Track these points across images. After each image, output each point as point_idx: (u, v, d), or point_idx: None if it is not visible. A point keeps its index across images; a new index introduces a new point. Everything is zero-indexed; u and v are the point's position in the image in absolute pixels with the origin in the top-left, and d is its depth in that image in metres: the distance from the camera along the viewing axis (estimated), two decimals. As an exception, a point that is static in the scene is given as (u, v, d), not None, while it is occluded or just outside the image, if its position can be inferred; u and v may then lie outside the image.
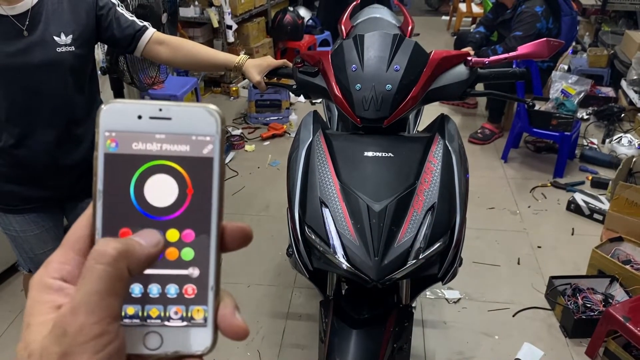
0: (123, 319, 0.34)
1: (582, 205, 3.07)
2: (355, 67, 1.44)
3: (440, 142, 1.42)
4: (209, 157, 0.35)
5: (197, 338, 0.35)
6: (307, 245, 1.35)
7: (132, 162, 0.34)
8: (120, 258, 0.32)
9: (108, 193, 0.34)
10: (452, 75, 1.47)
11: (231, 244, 0.37)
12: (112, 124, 0.34)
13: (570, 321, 2.26)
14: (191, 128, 0.35)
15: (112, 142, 0.34)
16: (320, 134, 1.45)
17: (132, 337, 0.34)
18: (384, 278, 1.25)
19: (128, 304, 0.34)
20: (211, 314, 0.35)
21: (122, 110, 0.35)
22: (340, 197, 1.32)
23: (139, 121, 0.34)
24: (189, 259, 0.35)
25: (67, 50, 1.52)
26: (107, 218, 0.35)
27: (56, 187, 1.67)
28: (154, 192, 0.35)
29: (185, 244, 0.35)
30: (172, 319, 0.35)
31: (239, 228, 0.37)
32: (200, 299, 0.35)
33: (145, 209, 0.35)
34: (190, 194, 0.35)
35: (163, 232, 0.35)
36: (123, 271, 0.32)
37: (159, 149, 0.34)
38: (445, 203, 1.33)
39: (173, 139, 0.35)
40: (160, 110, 0.35)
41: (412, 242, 1.28)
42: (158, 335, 0.35)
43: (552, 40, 1.46)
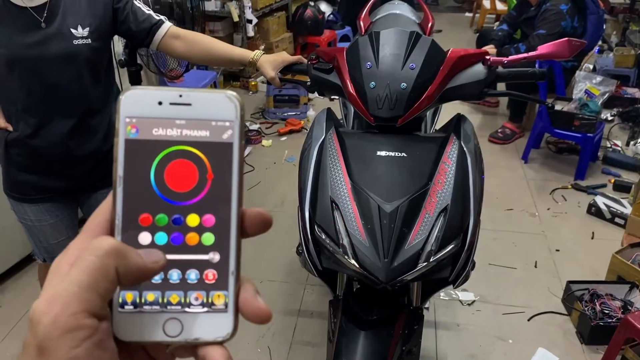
0: (143, 306, 0.34)
1: (603, 209, 3.01)
2: (370, 64, 1.41)
3: (455, 143, 1.39)
4: (228, 142, 0.35)
5: (218, 324, 0.35)
6: (316, 244, 1.33)
7: (153, 148, 0.34)
8: (111, 254, 0.31)
9: (128, 179, 0.34)
10: (469, 74, 1.44)
11: (251, 229, 0.36)
12: (133, 110, 0.34)
13: (587, 327, 2.21)
14: (211, 114, 0.35)
15: (132, 127, 0.34)
16: (332, 131, 1.43)
17: (152, 323, 0.34)
18: (393, 280, 1.23)
19: (148, 290, 0.34)
20: (232, 300, 0.35)
21: (143, 97, 0.35)
22: (351, 196, 1.30)
23: (160, 107, 0.35)
24: (210, 244, 0.35)
25: (83, 43, 1.52)
26: (127, 204, 0.34)
27: (70, 177, 1.68)
28: (174, 178, 0.35)
29: (206, 228, 0.35)
30: (193, 304, 0.35)
31: (259, 213, 0.37)
32: (221, 284, 0.35)
33: (165, 194, 0.35)
34: (210, 179, 0.35)
35: (184, 217, 0.35)
36: (109, 268, 0.31)
37: (179, 135, 0.35)
38: (458, 205, 1.30)
39: (193, 124, 0.35)
40: (181, 96, 0.35)
41: (423, 244, 1.25)
42: (178, 321, 0.34)
43: (573, 40, 1.42)
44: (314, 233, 1.33)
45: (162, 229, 0.35)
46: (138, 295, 0.34)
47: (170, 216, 0.35)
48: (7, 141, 1.62)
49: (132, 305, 0.34)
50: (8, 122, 1.61)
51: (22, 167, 1.65)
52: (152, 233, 0.35)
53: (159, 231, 0.35)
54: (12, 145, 1.62)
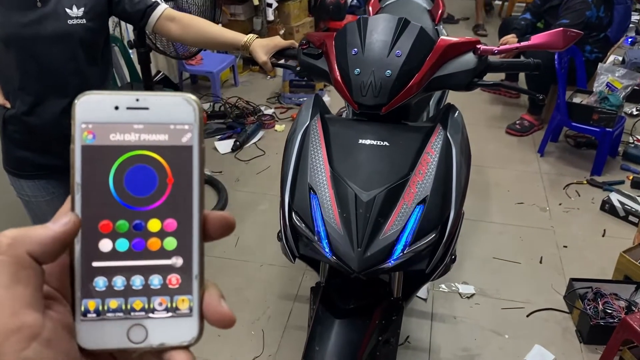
0: (106, 313, 0.34)
1: (617, 206, 2.92)
2: (356, 50, 1.39)
3: (440, 133, 1.36)
4: (188, 145, 0.35)
5: (183, 329, 0.34)
6: (294, 231, 1.33)
7: (110, 154, 0.34)
8: (15, 245, 0.30)
9: (87, 186, 0.34)
10: (458, 63, 1.40)
11: (214, 232, 0.36)
12: (89, 116, 0.34)
13: (586, 326, 2.16)
14: (169, 117, 0.34)
15: (89, 133, 0.34)
16: (317, 118, 1.42)
17: (116, 331, 0.34)
18: (366, 270, 1.22)
19: (110, 298, 0.34)
20: (196, 304, 0.35)
21: (99, 102, 0.34)
22: (329, 184, 1.30)
23: (116, 112, 0.34)
24: (172, 249, 0.35)
25: (78, 23, 1.54)
26: (86, 211, 0.34)
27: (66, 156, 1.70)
28: (133, 183, 0.34)
29: (167, 233, 0.35)
30: (157, 310, 0.34)
31: (221, 217, 0.36)
32: (185, 288, 0.35)
33: (125, 199, 0.34)
34: (170, 184, 0.35)
35: (145, 223, 0.34)
36: (22, 257, 0.30)
37: (137, 139, 0.34)
38: (438, 197, 1.28)
39: (151, 128, 0.34)
40: (137, 100, 0.34)
41: (398, 235, 1.24)
42: (143, 327, 0.34)
43: (569, 30, 1.36)
44: (291, 220, 1.32)
45: (123, 235, 0.34)
46: (101, 303, 0.34)
47: (131, 222, 0.34)
48: (5, 118, 1.65)
49: (95, 313, 0.34)
50: (6, 99, 1.64)
51: (19, 144, 1.69)
52: (113, 240, 0.34)
53: (120, 237, 0.34)
54: (10, 122, 1.65)
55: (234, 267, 2.53)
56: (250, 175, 3.33)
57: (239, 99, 4.16)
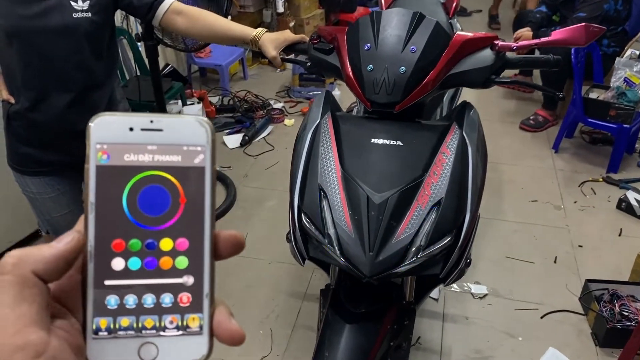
0: (117, 331, 0.34)
1: (635, 205, 2.85)
2: (369, 46, 1.34)
3: (456, 132, 1.31)
4: (200, 166, 0.35)
5: (193, 346, 0.35)
6: (303, 232, 1.29)
7: (124, 174, 0.35)
8: (20, 264, 0.31)
9: (100, 205, 0.34)
10: (475, 59, 1.35)
11: (224, 251, 0.37)
12: (103, 136, 0.34)
13: (602, 329, 2.11)
14: (182, 139, 0.35)
15: (103, 154, 0.34)
16: (328, 115, 1.37)
17: (127, 349, 0.34)
18: (378, 275, 1.18)
19: (122, 316, 0.34)
20: (207, 322, 0.35)
21: (113, 123, 0.35)
22: (340, 185, 1.25)
23: (131, 133, 0.35)
24: (183, 268, 0.35)
25: (83, 17, 1.50)
26: (99, 230, 0.34)
27: (71, 151, 1.68)
28: (146, 203, 0.35)
29: (179, 252, 0.35)
30: (168, 328, 0.35)
31: (232, 236, 0.37)
32: (196, 307, 0.35)
33: (138, 219, 0.35)
34: (182, 203, 0.35)
35: (157, 242, 0.35)
36: (27, 277, 0.30)
37: (150, 160, 0.35)
38: (453, 199, 1.23)
39: (165, 149, 0.35)
40: (152, 122, 0.35)
41: (411, 238, 1.19)
42: (154, 345, 0.35)
43: (591, 25, 1.30)
44: (301, 221, 1.28)
45: (136, 254, 0.35)
46: (112, 321, 0.34)
47: (144, 241, 0.35)
48: (9, 113, 1.62)
49: (107, 332, 0.34)
50: (10, 94, 1.61)
51: (23, 140, 1.66)
52: (126, 258, 0.35)
53: (132, 256, 0.35)
54: (14, 118, 1.62)
55: (243, 265, 2.50)
56: (259, 170, 3.29)
57: (248, 93, 4.12)
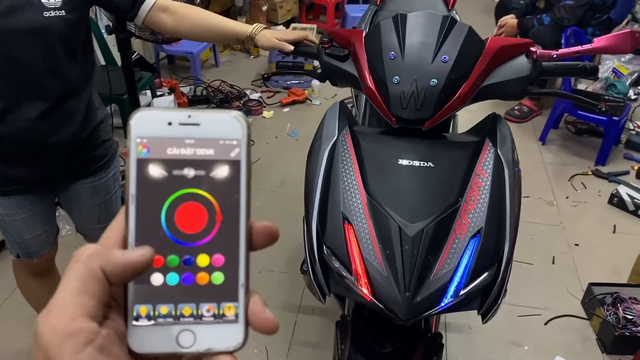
0: (157, 319, 0.35)
1: (627, 200, 2.81)
2: (393, 54, 1.19)
3: (491, 151, 1.18)
4: (236, 159, 0.36)
5: (229, 334, 0.36)
6: (324, 265, 1.14)
7: (164, 167, 0.35)
8: (93, 257, 0.32)
9: (140, 196, 0.35)
10: (510, 69, 1.21)
11: (258, 242, 0.37)
12: (143, 131, 0.36)
13: (610, 336, 2.05)
14: (218, 133, 0.36)
15: (143, 147, 0.35)
16: (346, 131, 1.22)
17: (166, 336, 0.35)
18: (414, 318, 1.05)
19: (161, 304, 0.35)
20: (242, 311, 0.36)
21: (153, 117, 0.36)
22: (367, 214, 1.11)
23: (169, 127, 0.36)
24: (220, 258, 0.36)
25: (56, 15, 1.29)
26: (139, 219, 0.35)
27: (45, 166, 1.47)
28: (184, 214, 0.36)
29: (216, 245, 0.36)
30: (205, 316, 0.36)
31: (266, 227, 0.38)
32: (232, 296, 0.36)
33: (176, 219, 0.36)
34: (219, 196, 0.36)
35: (193, 254, 0.36)
36: (96, 271, 0.32)
37: (188, 153, 0.36)
38: (493, 228, 1.11)
39: (201, 143, 0.36)
40: (189, 116, 0.36)
41: (451, 275, 1.06)
42: (191, 333, 0.35)
43: (637, 31, 1.19)
44: (321, 254, 1.13)
45: (175, 246, 0.36)
46: (152, 309, 0.35)
47: (180, 254, 0.36)
48: None
49: (147, 319, 0.35)
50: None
51: (-11, 157, 1.44)
52: (164, 246, 0.35)
53: (172, 248, 0.35)
54: (-24, 133, 1.41)
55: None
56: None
57: (223, 82, 3.90)
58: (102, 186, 1.55)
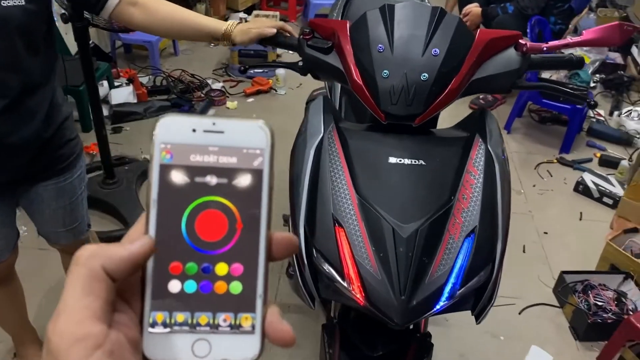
0: (173, 326, 0.35)
1: (592, 188, 2.87)
2: (382, 47, 1.13)
3: (481, 147, 1.15)
4: (259, 169, 0.36)
5: (245, 345, 0.35)
6: (313, 270, 1.09)
7: (186, 173, 0.35)
8: (93, 257, 0.32)
9: (162, 202, 0.35)
10: (500, 62, 1.18)
11: (277, 253, 0.37)
12: (168, 137, 0.35)
13: (582, 324, 2.08)
14: (242, 141, 0.36)
15: (167, 153, 0.35)
16: (332, 129, 1.16)
17: (181, 344, 0.35)
18: (410, 322, 1.01)
19: (178, 311, 0.35)
20: (259, 322, 0.35)
21: (178, 124, 0.36)
22: (358, 215, 1.06)
23: (193, 134, 0.36)
24: (239, 269, 0.36)
25: (15, 5, 1.18)
26: (160, 225, 0.35)
27: (4, 169, 1.36)
28: (205, 220, 0.36)
29: (235, 255, 0.36)
30: (221, 326, 0.35)
31: (285, 238, 0.37)
32: (249, 306, 0.35)
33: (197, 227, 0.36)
34: (239, 206, 0.35)
35: (213, 263, 0.35)
36: (97, 271, 0.32)
37: (211, 160, 0.35)
38: (487, 226, 1.08)
39: (225, 151, 0.36)
40: (214, 124, 0.36)
41: (446, 277, 1.03)
42: (207, 342, 0.35)
43: (625, 24, 1.17)
44: (311, 258, 1.08)
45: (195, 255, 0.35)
46: (168, 316, 0.35)
47: (200, 262, 0.35)
48: None
49: (162, 326, 0.35)
50: None
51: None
52: (183, 253, 0.35)
53: (190, 262, 0.35)
54: None
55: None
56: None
57: (183, 72, 3.77)
58: (67, 187, 1.44)
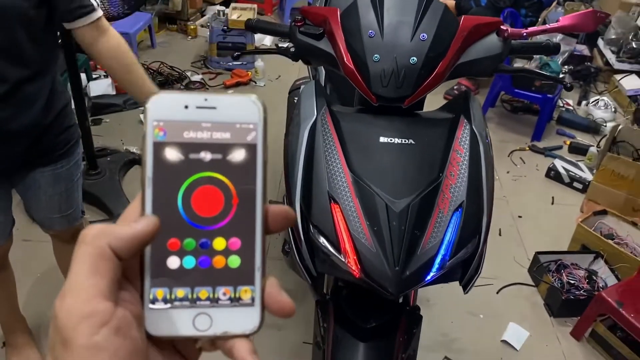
0: (173, 302, 0.35)
1: (563, 173, 2.99)
2: (373, 32, 1.19)
3: (466, 127, 1.21)
4: (252, 143, 0.36)
5: (246, 318, 0.35)
6: (309, 245, 1.14)
7: (180, 150, 0.35)
8: (99, 236, 0.32)
9: (157, 180, 0.35)
10: (483, 47, 1.25)
11: (274, 225, 0.37)
12: (160, 114, 0.35)
13: (557, 301, 2.19)
14: (235, 116, 0.36)
15: (160, 130, 0.35)
16: (325, 111, 1.21)
17: (182, 319, 0.35)
18: (404, 291, 1.08)
19: (178, 287, 0.35)
20: (258, 294, 0.36)
21: (170, 101, 0.35)
22: (352, 192, 1.11)
23: (186, 110, 0.35)
24: (236, 243, 0.36)
25: None
26: (156, 203, 0.35)
27: (1, 155, 1.37)
28: (201, 195, 0.36)
29: (232, 229, 0.36)
30: (221, 300, 0.35)
31: (282, 210, 0.38)
32: (248, 279, 0.36)
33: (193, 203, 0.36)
34: (235, 181, 0.36)
35: (209, 238, 0.36)
36: (104, 249, 0.32)
37: (205, 136, 0.35)
38: (473, 202, 1.15)
39: (218, 127, 0.36)
40: (206, 100, 0.36)
41: (437, 249, 1.09)
42: (207, 316, 0.35)
43: (598, 11, 1.25)
44: (307, 234, 1.13)
45: (192, 231, 0.35)
46: (168, 292, 0.35)
47: (197, 239, 0.35)
48: None
49: (163, 302, 0.35)
50: None
51: None
52: (180, 230, 0.35)
53: (188, 238, 0.35)
54: None
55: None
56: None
57: (162, 64, 3.77)
58: (63, 174, 1.46)
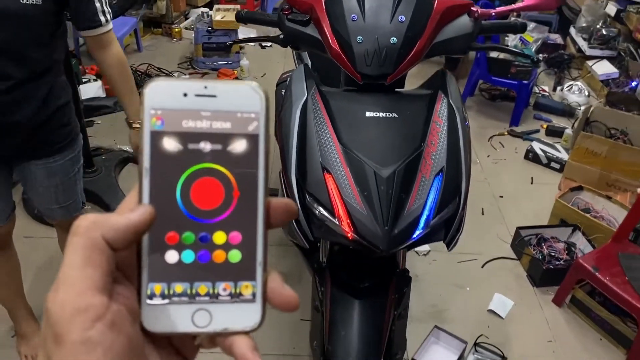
0: (172, 297, 0.34)
1: (540, 154, 3.13)
2: (355, 16, 1.30)
3: (444, 101, 1.33)
4: (254, 133, 0.34)
5: (246, 314, 0.34)
6: (306, 213, 1.25)
7: (179, 140, 0.34)
8: (92, 227, 0.31)
9: (155, 170, 0.34)
10: (456, 27, 1.37)
11: (275, 219, 0.36)
12: (158, 102, 0.34)
13: (538, 271, 2.32)
14: (236, 105, 0.34)
15: (157, 119, 0.33)
16: (315, 91, 1.32)
17: (181, 315, 0.34)
18: (394, 248, 1.19)
19: (176, 282, 0.34)
20: (260, 290, 0.35)
21: (168, 88, 0.34)
22: (343, 162, 1.22)
23: (185, 99, 0.34)
24: (237, 237, 0.35)
25: (32, 4, 1.29)
26: (154, 194, 0.34)
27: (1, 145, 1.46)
28: (201, 187, 0.35)
29: (233, 223, 0.35)
30: (221, 295, 0.34)
31: (284, 204, 0.37)
32: (249, 274, 0.35)
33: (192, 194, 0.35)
34: (236, 173, 0.35)
35: (210, 233, 0.35)
36: (97, 240, 0.31)
37: (204, 126, 0.34)
38: (452, 167, 1.26)
39: (218, 116, 0.34)
40: (206, 87, 0.34)
41: (421, 209, 1.21)
42: (207, 312, 0.34)
43: (559, -9, 1.38)
44: (304, 202, 1.24)
45: (192, 223, 0.34)
46: (167, 287, 0.34)
47: (197, 232, 0.34)
48: None
49: (161, 297, 0.34)
50: None
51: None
52: (179, 223, 0.34)
53: (186, 231, 0.34)
54: None
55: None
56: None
57: (150, 66, 3.85)
58: (56, 169, 1.54)
